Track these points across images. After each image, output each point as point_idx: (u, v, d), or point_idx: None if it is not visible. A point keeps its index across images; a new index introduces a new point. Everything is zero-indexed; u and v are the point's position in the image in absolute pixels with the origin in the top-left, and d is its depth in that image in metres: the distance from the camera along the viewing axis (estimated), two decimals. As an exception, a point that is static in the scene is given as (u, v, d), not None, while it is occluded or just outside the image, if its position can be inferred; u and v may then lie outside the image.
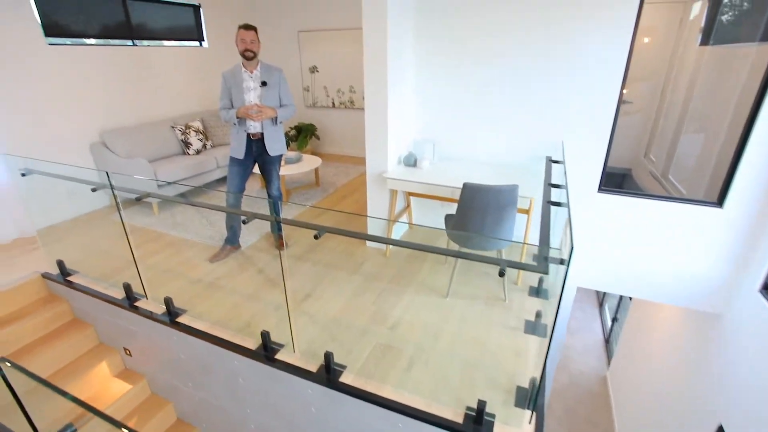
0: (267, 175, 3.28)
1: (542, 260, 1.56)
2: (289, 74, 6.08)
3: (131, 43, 4.51)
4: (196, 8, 5.21)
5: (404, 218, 3.66)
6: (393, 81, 2.98)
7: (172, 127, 4.70)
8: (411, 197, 3.61)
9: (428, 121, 3.47)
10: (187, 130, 4.75)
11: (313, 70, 6.04)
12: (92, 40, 4.15)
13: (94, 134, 4.21)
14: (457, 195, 2.87)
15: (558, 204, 2.13)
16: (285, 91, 3.05)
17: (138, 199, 2.14)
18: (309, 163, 4.63)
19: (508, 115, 3.17)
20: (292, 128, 6.27)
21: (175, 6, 4.95)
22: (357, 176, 5.27)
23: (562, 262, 1.47)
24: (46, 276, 3.06)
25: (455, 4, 3.03)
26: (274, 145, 3.12)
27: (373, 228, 3.50)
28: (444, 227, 2.84)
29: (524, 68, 3.00)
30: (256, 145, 3.10)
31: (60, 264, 3.04)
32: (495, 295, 2.80)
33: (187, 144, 4.71)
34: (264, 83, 2.94)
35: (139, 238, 3.72)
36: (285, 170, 4.32)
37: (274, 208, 3.55)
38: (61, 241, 3.78)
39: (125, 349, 2.95)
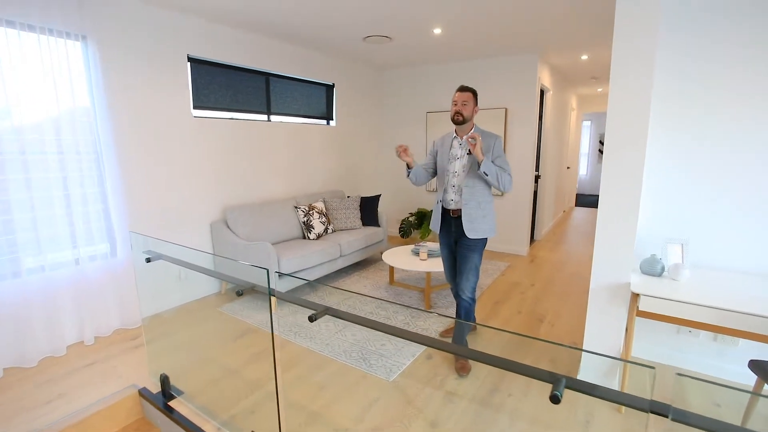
0: (460, 264, 2.54)
1: None
2: (416, 155, 5.56)
3: (266, 119, 4.26)
4: (329, 87, 5.02)
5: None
6: (650, 152, 2.07)
7: (296, 207, 4.18)
8: (636, 318, 2.47)
9: (665, 213, 2.45)
10: (311, 212, 4.19)
11: (441, 151, 5.46)
12: (232, 114, 3.91)
13: (217, 211, 3.77)
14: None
15: None
16: (502, 162, 2.45)
17: (312, 319, 1.32)
18: (455, 256, 3.73)
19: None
20: (412, 214, 5.57)
21: (312, 85, 4.77)
22: (499, 276, 4.25)
23: None
24: (143, 394, 2.29)
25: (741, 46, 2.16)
26: (475, 225, 2.45)
27: (588, 367, 2.36)
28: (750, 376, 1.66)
29: None
30: (455, 224, 2.56)
31: (163, 381, 2.27)
32: None
33: (309, 227, 4.11)
34: None
35: (251, 343, 2.93)
36: (427, 266, 3.44)
37: (465, 317, 2.63)
38: (167, 336, 3.12)
39: None
